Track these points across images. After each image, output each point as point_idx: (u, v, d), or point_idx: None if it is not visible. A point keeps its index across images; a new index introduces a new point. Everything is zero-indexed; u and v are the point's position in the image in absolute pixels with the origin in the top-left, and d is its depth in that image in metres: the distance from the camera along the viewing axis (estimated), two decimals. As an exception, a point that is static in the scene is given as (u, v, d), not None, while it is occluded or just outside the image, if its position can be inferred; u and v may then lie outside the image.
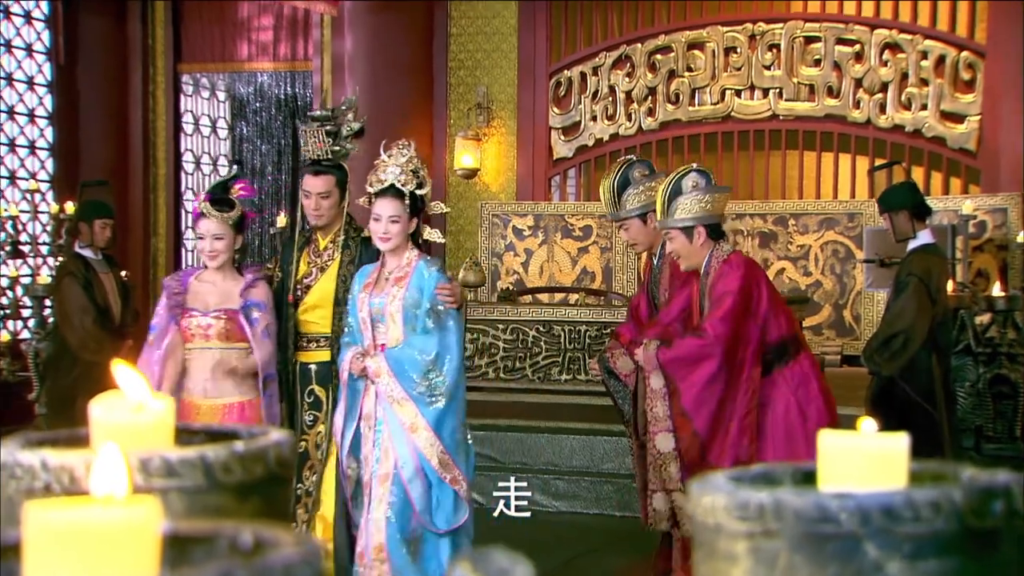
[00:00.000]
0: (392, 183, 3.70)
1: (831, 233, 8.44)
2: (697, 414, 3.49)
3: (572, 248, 8.97)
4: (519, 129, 9.52)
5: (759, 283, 3.59)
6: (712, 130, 9.15)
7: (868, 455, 0.63)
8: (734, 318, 3.46)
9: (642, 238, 3.93)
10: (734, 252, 3.63)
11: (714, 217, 3.64)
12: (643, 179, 3.87)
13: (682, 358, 3.50)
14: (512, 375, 6.41)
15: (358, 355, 3.60)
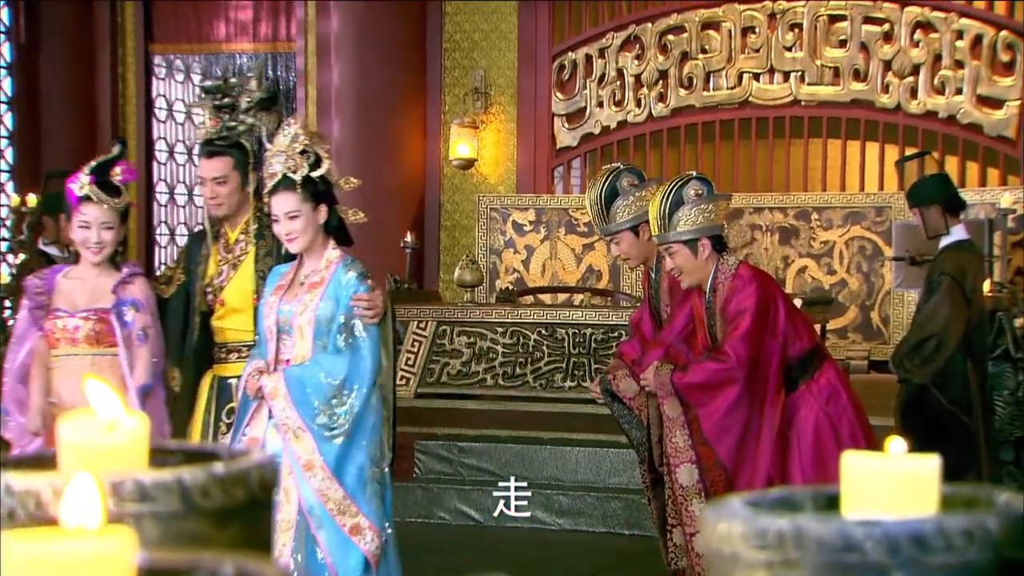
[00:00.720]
0: (283, 174, 3.31)
1: (857, 228, 8.45)
2: (720, 443, 3.48)
3: (576, 244, 8.97)
4: (519, 116, 9.52)
5: (774, 296, 3.60)
6: (728, 117, 9.16)
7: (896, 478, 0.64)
8: (754, 337, 3.45)
9: (635, 252, 3.90)
10: (742, 264, 3.64)
11: (717, 228, 3.64)
12: (632, 189, 3.85)
13: (702, 384, 3.48)
14: (512, 382, 6.42)
15: (255, 371, 3.28)
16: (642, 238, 3.85)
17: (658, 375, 3.55)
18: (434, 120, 9.69)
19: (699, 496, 3.50)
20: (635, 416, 3.91)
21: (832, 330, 8.19)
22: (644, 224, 3.83)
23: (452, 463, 6.03)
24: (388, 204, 9.40)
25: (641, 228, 3.83)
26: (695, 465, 3.50)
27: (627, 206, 3.82)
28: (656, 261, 3.91)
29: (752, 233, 8.50)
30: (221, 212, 3.79)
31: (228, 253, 3.79)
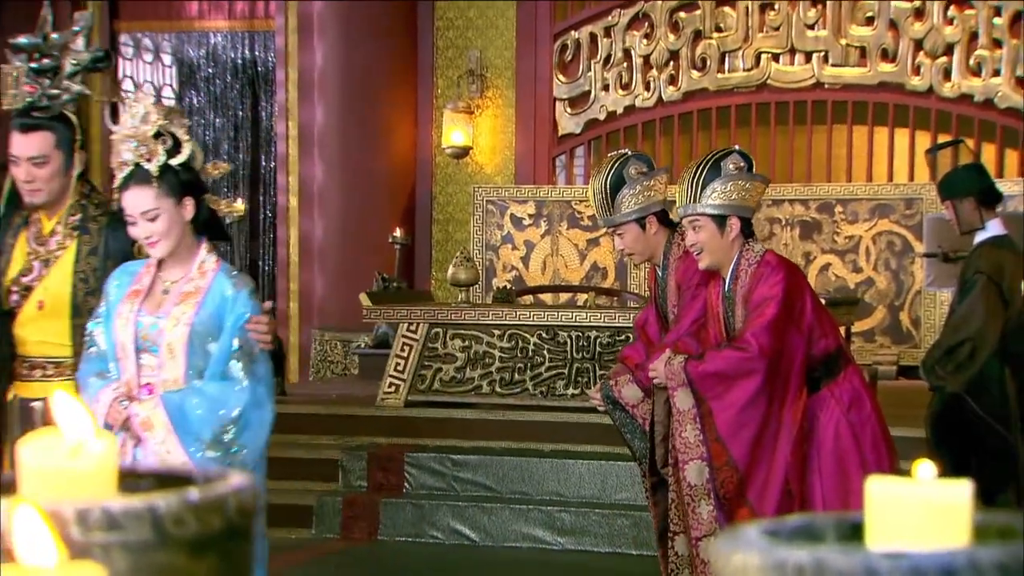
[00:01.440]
0: (135, 164, 2.91)
1: (885, 222, 8.46)
2: (734, 441, 3.45)
3: (580, 240, 8.98)
4: (518, 100, 9.52)
5: (801, 288, 3.59)
6: (745, 101, 9.16)
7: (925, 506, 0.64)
8: (779, 328, 3.44)
9: (640, 246, 3.88)
10: (768, 252, 3.63)
11: (749, 210, 3.64)
12: (640, 177, 3.84)
13: (718, 373, 3.46)
14: (510, 389, 6.42)
15: (121, 398, 2.90)
16: (649, 232, 3.85)
17: (669, 365, 3.52)
18: (425, 105, 9.69)
19: (707, 497, 3.48)
20: (638, 425, 3.90)
21: (858, 333, 8.20)
22: (652, 217, 3.84)
23: (445, 477, 6.04)
24: (375, 196, 9.40)
25: (648, 221, 3.83)
26: (705, 463, 3.47)
27: (634, 196, 3.82)
28: (663, 257, 3.91)
29: (771, 227, 8.51)
30: (38, 199, 3.31)
31: (40, 246, 3.34)
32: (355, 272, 9.03)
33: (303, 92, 9.84)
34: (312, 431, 6.52)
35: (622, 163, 3.87)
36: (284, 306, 10.01)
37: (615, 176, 3.84)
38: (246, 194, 10.31)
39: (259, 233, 10.40)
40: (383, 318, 6.96)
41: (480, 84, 9.56)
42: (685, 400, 3.50)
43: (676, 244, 3.88)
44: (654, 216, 3.85)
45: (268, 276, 10.38)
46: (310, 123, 9.77)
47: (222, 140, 10.52)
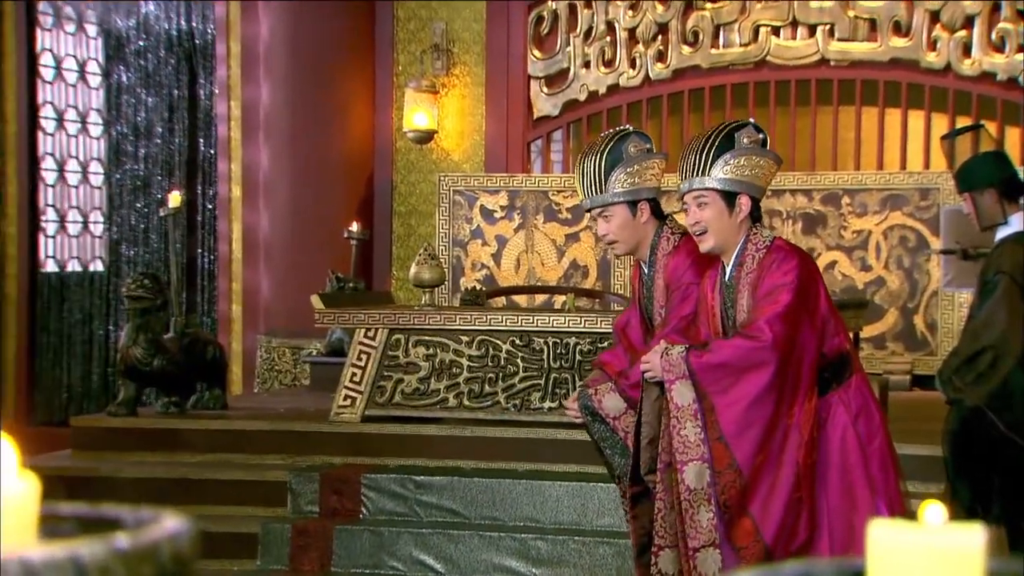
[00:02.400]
0: None
1: (898, 215, 8.51)
2: (739, 441, 3.43)
3: (558, 235, 8.99)
4: (488, 78, 9.52)
5: (815, 278, 3.60)
6: (741, 79, 9.19)
7: (933, 555, 0.65)
8: (793, 318, 3.43)
9: (626, 234, 3.88)
10: (777, 238, 3.65)
11: (761, 189, 3.65)
12: (639, 156, 3.85)
13: (724, 364, 3.43)
14: (480, 402, 6.42)
15: None
16: (639, 219, 3.86)
17: (667, 357, 3.49)
18: (384, 83, 9.68)
19: (708, 503, 3.45)
20: (619, 440, 3.89)
21: (867, 338, 8.25)
22: (645, 203, 3.85)
23: (407, 501, 6.04)
24: (329, 186, 9.39)
25: (640, 206, 3.84)
26: (706, 464, 3.44)
27: (630, 175, 3.83)
28: (651, 253, 3.90)
29: (770, 220, 8.54)
30: None
31: None
32: (306, 271, 9.00)
33: (246, 69, 9.81)
34: (257, 450, 6.51)
35: (622, 138, 3.89)
36: (226, 309, 9.98)
37: (613, 152, 3.85)
38: (183, 183, 10.26)
39: (197, 227, 10.36)
40: (337, 322, 6.95)
41: (446, 60, 9.55)
42: (685, 394, 3.46)
43: (665, 238, 3.88)
44: (647, 203, 3.86)
45: (208, 275, 10.34)
46: (255, 103, 9.73)
47: (155, 122, 10.47)
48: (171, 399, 6.97)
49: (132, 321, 6.86)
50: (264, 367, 9.41)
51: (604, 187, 3.84)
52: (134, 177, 10.49)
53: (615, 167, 3.83)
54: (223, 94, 9.99)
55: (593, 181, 3.85)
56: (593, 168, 3.85)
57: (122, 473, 6.42)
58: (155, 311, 6.87)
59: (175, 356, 6.92)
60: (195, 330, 7.71)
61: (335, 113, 9.44)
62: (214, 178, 10.25)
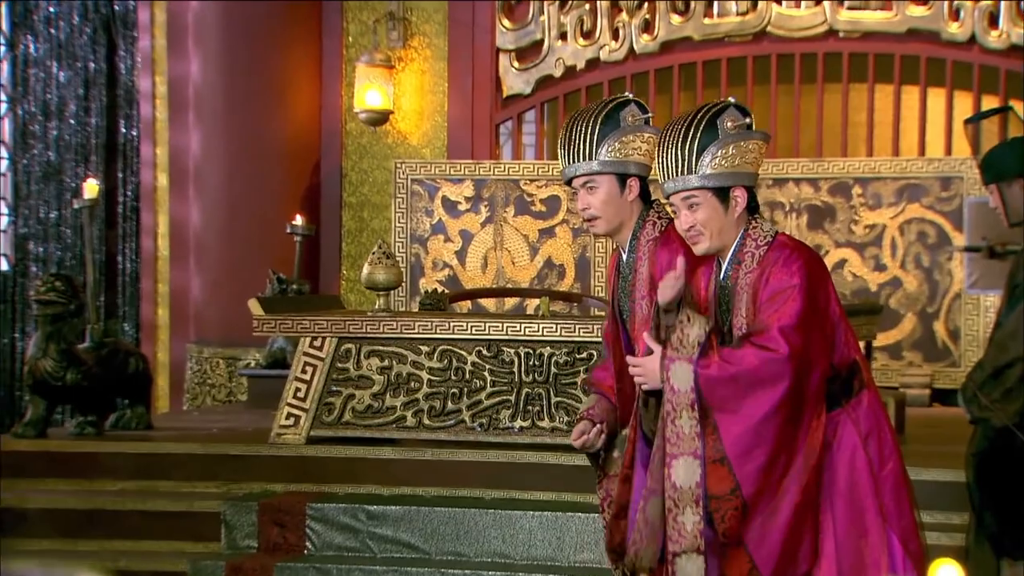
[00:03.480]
0: None
1: (916, 207, 8.55)
2: (743, 464, 3.45)
3: (531, 230, 8.98)
4: (451, 52, 9.50)
5: (823, 279, 3.61)
6: (739, 53, 9.21)
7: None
8: (806, 326, 3.47)
9: (611, 211, 3.89)
10: (780, 233, 3.66)
11: (754, 176, 3.67)
12: (636, 126, 3.89)
13: (736, 378, 3.46)
14: (441, 421, 6.41)
15: None
16: (626, 196, 3.88)
17: (679, 351, 3.52)
18: (332, 57, 9.64)
19: (695, 505, 3.47)
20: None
21: (881, 348, 8.28)
22: (635, 179, 3.87)
23: (358, 534, 6.01)
24: (269, 173, 9.35)
25: (630, 182, 3.87)
26: (698, 460, 3.48)
27: (624, 144, 3.87)
28: (632, 237, 3.94)
29: (771, 213, 8.55)
30: None
31: None
32: (243, 271, 8.97)
33: (173, 39, 9.77)
34: (186, 476, 6.47)
35: (620, 105, 3.92)
36: (150, 314, 9.93)
37: (610, 118, 3.89)
38: (100, 170, 10.20)
39: (117, 220, 10.30)
40: (279, 330, 6.92)
41: (402, 30, 9.53)
42: (683, 378, 3.48)
43: (651, 223, 3.90)
44: (637, 180, 3.89)
45: (130, 276, 10.28)
46: (183, 79, 9.69)
47: (68, 99, 10.40)
48: (87, 418, 6.93)
49: (42, 329, 6.81)
50: (195, 381, 9.37)
51: (594, 154, 3.87)
52: (44, 163, 10.41)
53: (609, 134, 3.87)
54: (146, 68, 9.94)
55: (582, 146, 3.88)
56: (585, 132, 3.89)
57: (29, 504, 6.37)
58: (68, 317, 6.82)
59: (91, 369, 6.88)
60: (115, 339, 7.68)
61: (276, 91, 9.41)
62: (136, 164, 10.20)
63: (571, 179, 3.93)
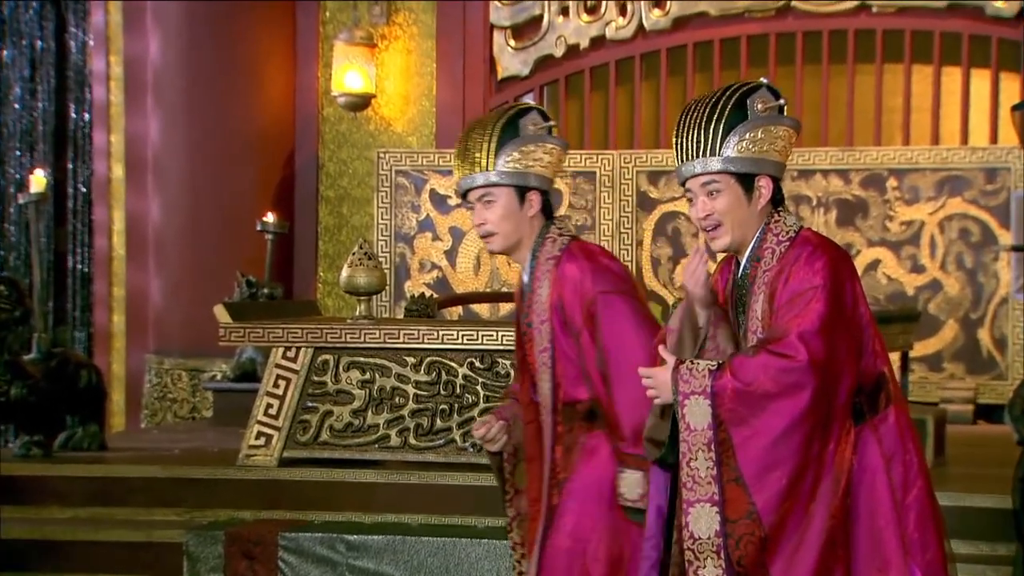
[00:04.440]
0: None
1: (957, 201, 8.56)
2: (760, 485, 3.45)
3: (529, 227, 8.99)
4: (440, 29, 9.50)
5: (851, 279, 3.61)
6: (760, 30, 9.22)
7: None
8: (830, 330, 3.46)
9: (508, 227, 3.97)
10: (805, 228, 3.67)
11: (782, 167, 3.67)
12: (538, 136, 3.99)
13: (748, 389, 3.45)
14: (430, 440, 6.41)
15: None
16: (526, 211, 3.96)
17: (692, 368, 3.49)
18: (307, 35, 9.65)
19: (716, 556, 3.46)
20: None
21: (919, 358, 8.29)
22: (536, 193, 3.96)
23: (336, 567, 6.02)
24: (237, 164, 9.36)
25: (530, 196, 3.96)
26: (717, 509, 3.48)
27: (524, 155, 3.96)
28: (531, 257, 3.99)
29: (796, 208, 8.57)
30: None
31: None
32: (208, 273, 8.97)
33: (130, 14, 9.77)
34: (145, 502, 6.47)
35: (521, 113, 4.02)
36: (104, 320, 9.94)
37: (509, 126, 3.98)
38: (48, 160, 10.22)
39: (68, 216, 10.31)
40: (248, 339, 6.92)
41: (386, 5, 9.53)
42: (700, 416, 3.48)
43: (551, 239, 3.99)
44: (538, 194, 3.97)
45: (81, 278, 10.29)
46: (140, 58, 9.70)
47: (12, 81, 10.42)
48: (33, 438, 6.93)
49: (-17, 338, 6.83)
50: (154, 395, 9.37)
51: (492, 164, 3.96)
52: (-16, 152, 10.44)
53: (508, 143, 3.96)
54: (100, 46, 9.95)
55: (478, 155, 3.98)
56: (485, 138, 3.99)
57: (-30, 533, 6.38)
58: (12, 325, 6.83)
59: (38, 383, 6.88)
60: (64, 349, 7.67)
61: (244, 72, 9.42)
62: (89, 154, 10.21)
63: (466, 192, 4.03)
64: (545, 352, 3.92)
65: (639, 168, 8.83)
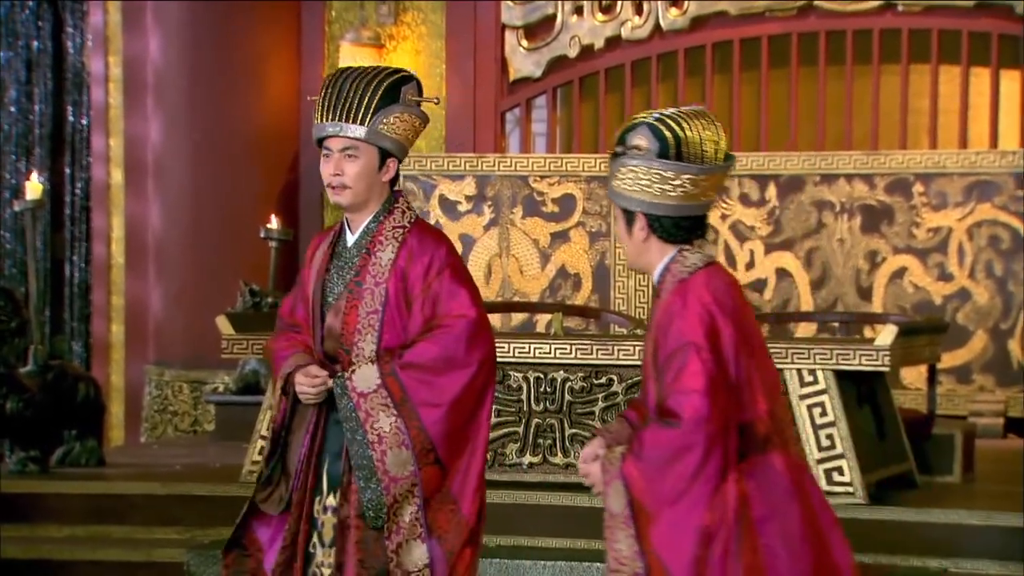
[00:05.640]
0: None
1: (987, 207, 8.54)
2: (674, 554, 3.61)
3: (542, 234, 8.98)
4: (449, 29, 9.50)
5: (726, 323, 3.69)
6: (781, 30, 9.21)
7: None
8: (711, 383, 3.59)
9: (361, 185, 4.11)
10: (702, 270, 3.73)
11: (668, 207, 3.74)
12: (412, 106, 4.16)
13: (653, 462, 3.62)
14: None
15: None
16: (381, 175, 4.12)
17: (608, 462, 3.68)
18: (313, 34, 9.65)
19: None
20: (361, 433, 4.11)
21: (947, 370, 8.27)
22: (394, 160, 4.13)
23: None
24: (240, 168, 9.37)
25: (390, 162, 4.13)
26: None
27: (400, 121, 4.12)
28: (371, 221, 4.14)
29: (819, 214, 8.57)
30: None
31: None
32: (209, 281, 8.98)
33: (129, 13, 9.78)
34: (144, 520, 6.48)
35: (403, 80, 4.16)
36: (103, 331, 9.95)
37: (390, 90, 4.12)
38: (45, 164, 10.24)
39: (65, 223, 10.32)
40: (251, 351, 6.93)
41: (394, 5, 9.54)
42: (617, 500, 3.66)
43: (400, 211, 4.15)
44: (396, 162, 4.13)
45: (79, 287, 10.30)
46: (140, 59, 9.71)
47: (7, 83, 10.43)
48: (29, 454, 6.95)
49: (-23, 351, 6.85)
50: (154, 408, 9.38)
51: (365, 119, 4.10)
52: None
53: (387, 106, 4.11)
54: (98, 46, 9.96)
55: (354, 106, 4.11)
56: (362, 92, 4.12)
57: (-38, 553, 6.40)
58: (8, 337, 6.85)
59: (34, 396, 6.90)
60: (61, 361, 7.69)
61: (248, 73, 9.43)
62: (87, 158, 10.22)
63: (326, 138, 4.14)
64: (374, 314, 4.08)
65: (656, 173, 8.81)
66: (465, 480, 4.08)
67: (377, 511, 4.02)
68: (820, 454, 6.06)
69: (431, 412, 4.03)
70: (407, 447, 4.00)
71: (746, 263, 8.64)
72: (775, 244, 8.61)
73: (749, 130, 9.27)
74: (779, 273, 8.62)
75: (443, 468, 4.04)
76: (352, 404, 4.04)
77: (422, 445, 4.01)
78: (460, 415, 4.06)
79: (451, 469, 4.06)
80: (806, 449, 6.07)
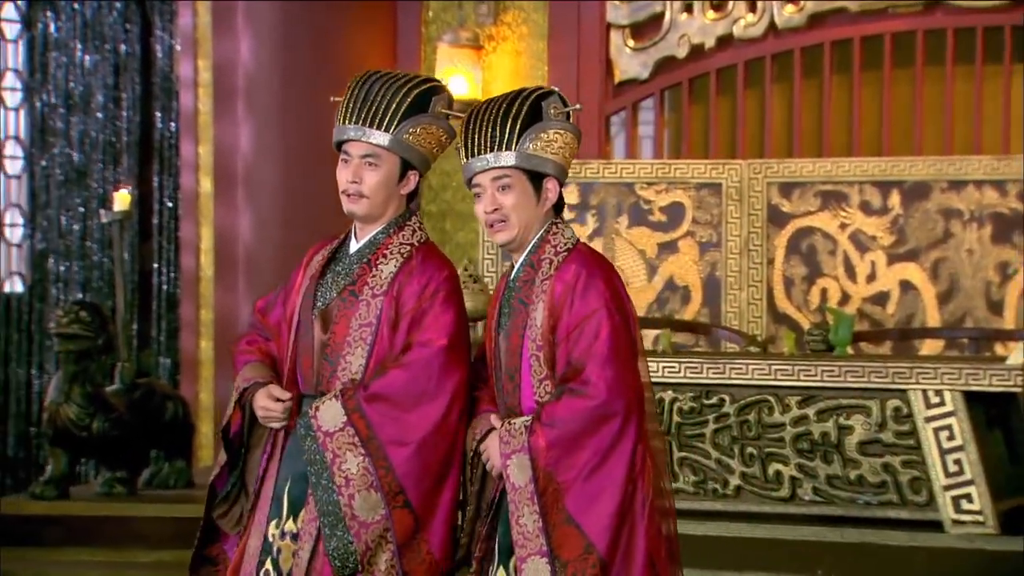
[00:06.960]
0: None
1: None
2: (589, 516, 3.79)
3: (648, 244, 8.96)
4: (552, 29, 9.51)
5: (623, 288, 3.99)
6: (906, 27, 9.12)
7: None
8: (622, 354, 3.81)
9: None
10: (580, 243, 4.03)
11: (566, 172, 4.07)
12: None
13: (566, 435, 3.79)
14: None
15: None
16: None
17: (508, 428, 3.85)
18: (409, 35, 9.69)
19: None
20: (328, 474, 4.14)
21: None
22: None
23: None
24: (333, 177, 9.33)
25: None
26: (546, 559, 3.78)
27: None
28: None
29: (946, 223, 8.49)
30: None
31: None
32: (301, 294, 9.02)
33: (220, 15, 9.85)
34: (235, 545, 6.54)
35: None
36: (192, 346, 10.02)
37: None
38: (133, 173, 10.33)
39: (153, 233, 10.40)
40: (344, 369, 6.95)
41: (493, 4, 9.56)
42: (521, 474, 3.82)
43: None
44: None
45: (167, 298, 10.36)
46: (231, 62, 9.78)
47: (95, 89, 10.53)
48: (116, 475, 7.01)
49: (64, 368, 6.90)
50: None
51: (391, 126, 4.19)
52: (66, 165, 10.53)
53: (415, 113, 4.22)
54: (187, 50, 10.04)
55: (380, 111, 4.19)
56: (390, 97, 4.21)
57: (49, 577, 6.47)
58: (95, 354, 6.91)
59: (121, 416, 6.97)
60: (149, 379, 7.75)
61: (342, 76, 9.34)
62: (175, 166, 10.29)
63: (346, 142, 4.23)
64: (367, 327, 4.10)
65: (770, 179, 8.76)
66: (436, 519, 4.04)
67: (344, 560, 3.99)
68: (947, 480, 6.01)
69: (399, 451, 3.98)
70: (376, 489, 3.96)
71: (867, 275, 8.56)
72: (898, 255, 8.52)
73: (870, 134, 9.19)
74: (903, 286, 8.53)
75: (414, 511, 3.99)
76: (318, 445, 3.99)
77: (390, 487, 3.96)
78: (432, 453, 4.01)
79: (423, 510, 4.01)
80: (931, 475, 6.02)
